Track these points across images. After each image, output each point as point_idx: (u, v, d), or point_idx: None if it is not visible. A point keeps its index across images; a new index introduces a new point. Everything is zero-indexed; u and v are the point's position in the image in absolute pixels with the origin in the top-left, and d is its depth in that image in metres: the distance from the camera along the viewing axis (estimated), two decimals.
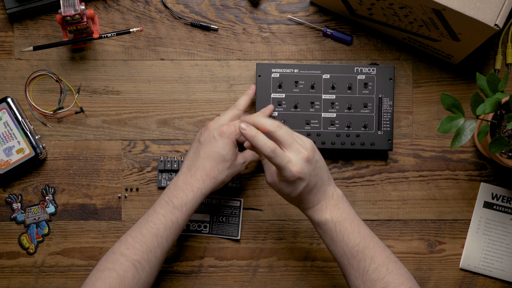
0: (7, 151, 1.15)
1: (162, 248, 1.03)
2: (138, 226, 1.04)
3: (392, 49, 1.20)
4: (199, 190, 1.05)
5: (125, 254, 1.02)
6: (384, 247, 1.02)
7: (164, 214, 1.04)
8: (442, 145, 1.19)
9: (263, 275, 1.19)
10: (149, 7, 1.19)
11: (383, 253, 1.01)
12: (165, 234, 1.03)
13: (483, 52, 1.19)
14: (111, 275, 1.00)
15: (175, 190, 1.06)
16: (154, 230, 1.03)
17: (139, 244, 1.02)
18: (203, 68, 1.19)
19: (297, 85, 1.15)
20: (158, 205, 1.05)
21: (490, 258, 1.19)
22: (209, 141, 1.07)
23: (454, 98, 1.02)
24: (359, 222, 1.02)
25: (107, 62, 1.19)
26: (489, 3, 0.98)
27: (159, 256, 1.04)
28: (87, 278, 1.02)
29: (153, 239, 1.03)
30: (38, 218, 1.18)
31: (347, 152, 1.19)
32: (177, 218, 1.04)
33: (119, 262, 1.01)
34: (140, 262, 1.02)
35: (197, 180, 1.05)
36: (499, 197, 1.19)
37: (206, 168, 1.06)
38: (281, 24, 1.20)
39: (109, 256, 1.03)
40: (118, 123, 1.19)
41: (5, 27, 1.19)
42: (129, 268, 1.01)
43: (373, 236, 1.02)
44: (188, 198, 1.05)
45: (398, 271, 1.00)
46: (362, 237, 1.00)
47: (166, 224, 1.04)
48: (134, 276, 1.01)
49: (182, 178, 1.06)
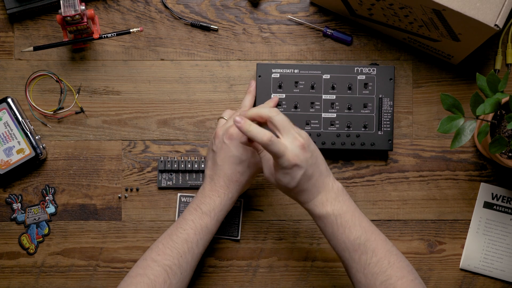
0: (7, 151, 1.15)
1: (192, 253, 1.04)
2: (169, 233, 1.06)
3: (392, 49, 1.20)
4: (225, 195, 1.06)
5: (156, 260, 1.03)
6: (385, 240, 1.01)
7: (193, 219, 1.05)
8: (442, 145, 1.19)
9: (263, 275, 1.19)
10: (149, 8, 1.19)
11: (385, 246, 1.00)
12: (195, 239, 1.04)
13: (483, 52, 1.19)
14: (142, 280, 1.01)
15: (203, 197, 1.07)
16: (184, 235, 1.04)
17: (170, 249, 1.03)
18: (203, 68, 1.19)
19: (297, 85, 1.16)
20: (187, 212, 1.07)
21: (490, 258, 1.19)
22: (221, 148, 1.07)
23: (454, 98, 1.02)
24: (360, 215, 1.02)
25: (107, 62, 1.19)
26: (489, 4, 0.98)
27: (190, 261, 1.04)
28: (118, 285, 1.03)
29: (183, 245, 1.04)
30: (38, 218, 1.18)
31: (347, 152, 1.19)
32: (206, 223, 1.05)
33: (150, 268, 1.02)
34: (171, 267, 1.02)
35: (221, 187, 1.07)
36: (499, 197, 1.19)
37: (227, 174, 1.07)
38: (281, 24, 1.20)
39: (141, 262, 1.04)
40: (118, 123, 1.19)
41: (5, 27, 1.19)
42: (160, 273, 1.02)
43: (375, 229, 1.02)
44: (215, 203, 1.06)
45: (400, 264, 0.99)
46: (363, 230, 1.00)
47: (196, 230, 1.05)
48: (165, 281, 1.02)
49: (208, 187, 1.08)
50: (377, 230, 1.02)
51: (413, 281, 0.99)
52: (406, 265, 1.01)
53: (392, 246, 1.01)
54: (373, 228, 1.02)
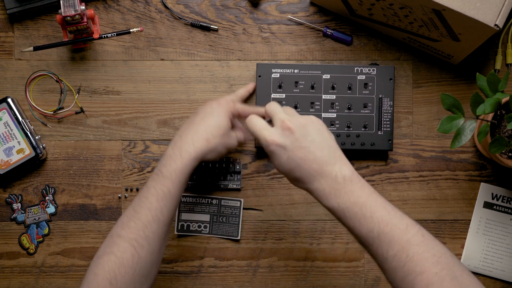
0: (7, 151, 1.15)
1: (158, 222, 1.00)
2: (132, 205, 1.02)
3: (392, 49, 1.20)
4: (188, 154, 1.02)
5: (122, 235, 0.99)
6: (406, 229, 0.89)
7: (155, 186, 1.01)
8: (442, 145, 1.19)
9: (263, 275, 1.19)
10: (149, 8, 1.19)
11: (404, 236, 0.88)
12: (158, 206, 1.00)
13: (483, 52, 1.19)
14: (109, 258, 0.97)
15: (164, 159, 1.03)
16: (146, 204, 1.00)
17: (134, 222, 0.99)
18: (203, 68, 1.19)
19: (297, 85, 1.16)
20: (150, 179, 1.03)
21: (490, 258, 1.19)
22: (205, 110, 1.07)
23: (454, 98, 1.02)
24: (374, 204, 0.91)
25: (107, 62, 1.19)
26: (489, 3, 0.98)
27: (156, 230, 1.00)
28: (89, 266, 1.00)
29: (147, 214, 0.99)
30: (38, 218, 1.18)
31: (347, 152, 1.19)
32: (168, 188, 1.01)
33: (116, 244, 0.98)
34: (137, 241, 0.98)
35: (186, 143, 1.03)
36: (499, 197, 1.19)
37: (199, 131, 1.04)
38: (281, 24, 1.20)
39: (107, 240, 1.01)
40: (118, 123, 1.19)
41: (5, 28, 1.19)
42: (126, 248, 0.98)
43: (392, 217, 0.90)
44: (176, 164, 1.01)
45: (421, 256, 0.86)
46: (375, 222, 0.90)
47: (158, 196, 1.00)
48: (133, 255, 0.98)
49: (172, 145, 1.04)
50: (395, 218, 0.90)
51: (437, 274, 0.85)
52: (430, 255, 0.87)
53: (414, 235, 0.89)
54: (389, 217, 0.90)
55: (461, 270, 0.87)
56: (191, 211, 1.18)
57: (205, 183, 1.18)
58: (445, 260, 0.87)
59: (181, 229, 1.18)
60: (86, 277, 0.98)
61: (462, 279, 0.86)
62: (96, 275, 0.97)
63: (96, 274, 0.97)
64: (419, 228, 0.90)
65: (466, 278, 0.87)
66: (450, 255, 0.88)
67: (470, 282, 0.87)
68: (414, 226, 0.90)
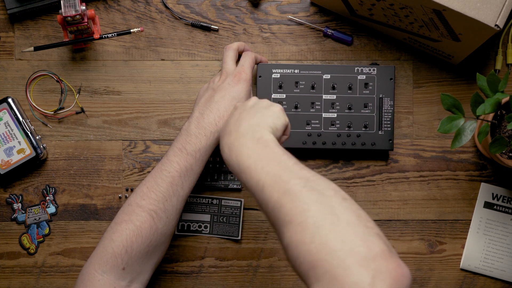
0: (7, 151, 1.15)
1: (178, 196, 1.03)
2: (153, 176, 1.03)
3: (393, 49, 1.20)
4: (212, 134, 1.03)
5: (141, 205, 1.01)
6: (287, 180, 0.80)
7: (178, 161, 1.03)
8: (443, 145, 1.20)
9: (264, 275, 1.19)
10: (150, 8, 1.19)
11: (283, 186, 0.80)
12: (180, 182, 1.03)
13: (483, 52, 1.19)
14: (128, 227, 1.00)
15: (188, 136, 1.04)
16: (169, 178, 1.02)
17: (155, 193, 1.02)
18: (203, 68, 1.19)
19: (298, 85, 1.16)
20: (172, 152, 1.04)
21: (491, 258, 1.19)
22: (223, 87, 1.07)
23: (454, 98, 1.02)
24: (270, 162, 0.84)
25: (107, 62, 1.19)
26: (489, 4, 0.98)
27: (175, 204, 1.03)
28: (105, 232, 1.02)
29: (168, 188, 1.02)
30: (38, 218, 1.18)
31: (347, 152, 1.19)
32: (191, 165, 1.03)
33: (136, 213, 1.01)
34: (157, 212, 1.01)
35: (210, 124, 1.04)
36: (500, 197, 1.19)
37: (220, 110, 1.05)
38: (282, 24, 1.20)
39: (125, 208, 1.03)
40: (119, 123, 1.19)
41: (6, 28, 1.19)
42: (145, 219, 1.01)
43: (280, 171, 0.82)
44: (201, 143, 1.03)
45: (291, 205, 0.78)
46: (265, 173, 0.83)
47: (181, 172, 1.02)
48: (151, 226, 1.01)
49: (195, 123, 1.05)
50: (290, 173, 0.81)
51: (300, 225, 0.76)
52: (302, 203, 0.77)
53: (295, 185, 0.79)
54: (276, 169, 0.82)
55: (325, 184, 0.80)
56: (191, 211, 1.18)
57: (206, 183, 1.18)
58: (317, 206, 0.77)
59: (181, 229, 1.18)
60: (101, 242, 1.01)
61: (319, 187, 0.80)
62: (112, 240, 1.00)
63: (113, 240, 1.00)
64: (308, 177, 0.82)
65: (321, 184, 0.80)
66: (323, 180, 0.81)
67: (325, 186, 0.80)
68: (306, 178, 0.81)
